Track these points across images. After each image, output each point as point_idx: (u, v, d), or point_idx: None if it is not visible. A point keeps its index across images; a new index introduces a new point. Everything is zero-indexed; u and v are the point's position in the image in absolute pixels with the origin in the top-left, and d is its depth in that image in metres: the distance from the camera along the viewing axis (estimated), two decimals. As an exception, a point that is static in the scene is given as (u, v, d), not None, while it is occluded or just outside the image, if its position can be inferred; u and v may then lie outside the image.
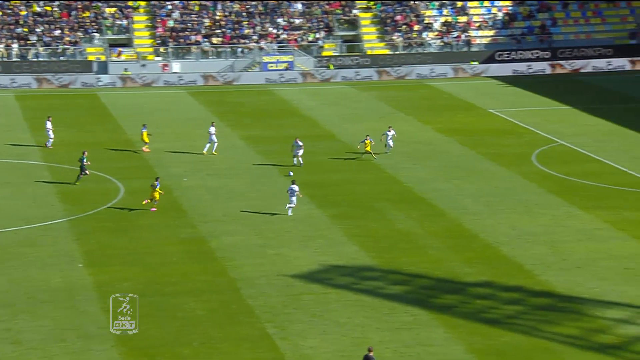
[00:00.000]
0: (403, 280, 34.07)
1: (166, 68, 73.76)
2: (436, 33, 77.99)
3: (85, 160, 45.21)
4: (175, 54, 75.26)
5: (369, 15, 79.79)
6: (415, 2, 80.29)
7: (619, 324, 30.00)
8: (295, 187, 40.75)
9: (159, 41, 75.56)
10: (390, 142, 50.13)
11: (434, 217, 40.58)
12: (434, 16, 79.48)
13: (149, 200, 41.24)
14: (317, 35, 77.35)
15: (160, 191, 41.42)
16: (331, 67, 74.50)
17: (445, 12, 79.81)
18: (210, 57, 75.26)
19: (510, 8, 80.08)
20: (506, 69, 74.05)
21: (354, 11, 79.76)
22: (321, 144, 53.36)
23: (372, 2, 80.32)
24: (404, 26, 78.17)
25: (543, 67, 74.43)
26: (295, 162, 48.07)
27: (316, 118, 60.41)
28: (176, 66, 74.06)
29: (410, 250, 36.79)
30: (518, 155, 50.50)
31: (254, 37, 76.59)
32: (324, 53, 76.21)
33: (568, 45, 76.28)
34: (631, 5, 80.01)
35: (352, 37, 78.61)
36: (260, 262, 35.61)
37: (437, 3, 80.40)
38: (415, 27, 78.16)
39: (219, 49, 75.70)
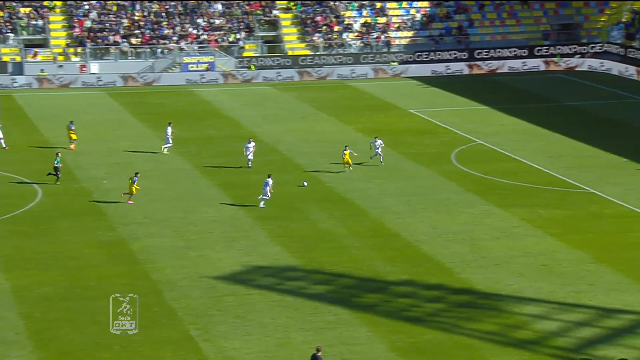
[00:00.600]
0: (326, 280, 34.25)
1: (84, 69, 72.64)
2: (356, 34, 78.56)
3: (59, 162, 44.74)
4: (94, 54, 74.19)
5: (289, 15, 79.93)
6: (335, 3, 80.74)
7: (535, 320, 30.70)
8: (270, 181, 41.28)
9: (68, 42, 74.31)
10: (379, 152, 48.14)
11: (356, 216, 40.90)
12: (354, 17, 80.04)
13: (127, 194, 41.55)
14: (238, 36, 77.15)
15: (138, 187, 41.64)
16: (252, 67, 74.40)
17: (364, 13, 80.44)
18: (129, 58, 74.39)
19: (428, 9, 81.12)
20: (425, 70, 74.99)
21: (274, 12, 79.79)
22: (243, 144, 53.25)
23: (292, 3, 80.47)
24: (324, 27, 78.52)
25: (461, 67, 75.59)
26: (249, 164, 47.79)
27: (238, 119, 60.27)
28: (94, 67, 73.00)
29: (333, 250, 37.00)
30: (438, 154, 51.21)
31: (174, 38, 75.97)
32: (245, 54, 76.07)
33: (485, 46, 77.63)
34: (544, 7, 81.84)
35: (273, 37, 78.65)
36: (182, 264, 35.39)
37: (356, 4, 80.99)
38: (336, 28, 78.58)
39: (138, 50, 74.89)
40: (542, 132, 56.17)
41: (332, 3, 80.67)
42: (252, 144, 48.15)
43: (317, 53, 76.50)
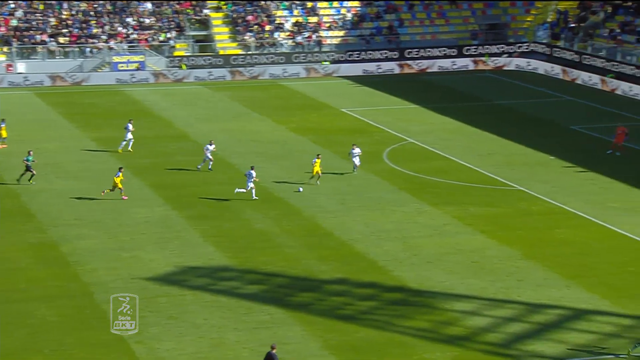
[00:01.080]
0: (260, 279, 34.26)
1: (10, 68, 71.28)
2: (287, 33, 78.64)
3: (31, 160, 44.39)
4: (20, 54, 72.84)
5: (220, 15, 79.61)
6: (266, 2, 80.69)
7: (466, 316, 31.17)
8: (253, 173, 41.75)
9: None
10: (357, 161, 45.95)
11: (290, 215, 40.97)
12: (285, 16, 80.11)
13: (109, 190, 41.89)
14: (169, 35, 76.57)
15: (122, 177, 41.98)
16: (184, 67, 73.93)
17: (295, 12, 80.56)
18: (57, 57, 73.23)
19: (358, 9, 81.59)
20: (357, 69, 75.41)
21: (205, 11, 79.41)
22: (175, 144, 52.92)
23: (222, 2, 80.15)
24: (256, 26, 78.41)
25: (392, 67, 76.20)
26: (207, 166, 46.89)
27: (170, 118, 59.81)
28: (21, 66, 71.67)
29: (266, 250, 37.02)
30: (370, 153, 51.56)
31: (103, 37, 75.04)
32: (176, 53, 75.53)
33: (415, 46, 78.37)
34: (472, 7, 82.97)
35: (204, 37, 78.24)
36: (114, 266, 35.03)
37: (287, 3, 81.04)
38: (267, 27, 78.55)
39: (67, 49, 73.77)
40: (472, 131, 56.96)
41: (262, 2, 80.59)
42: (213, 146, 47.31)
43: (249, 52, 76.36)
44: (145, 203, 42.29)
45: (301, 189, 44.10)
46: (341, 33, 79.61)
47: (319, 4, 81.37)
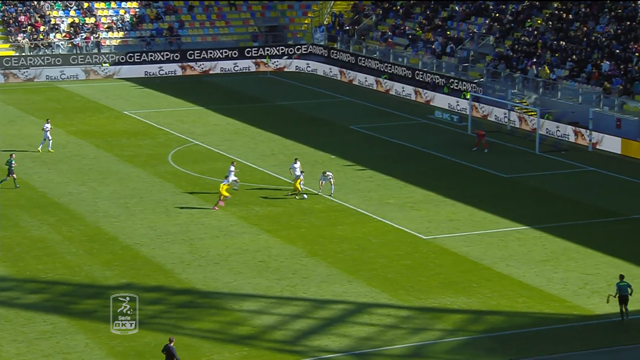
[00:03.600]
0: (40, 288, 33.07)
1: None
2: (64, 34, 76.25)
3: (13, 163, 42.90)
4: None
5: (-10, 14, 76.03)
6: (40, 2, 77.83)
7: (254, 315, 31.52)
8: (297, 165, 43.11)
9: None
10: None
11: (71, 221, 39.81)
12: (61, 17, 77.63)
13: (222, 198, 41.69)
14: None
15: (227, 185, 41.73)
16: (-49, 68, 70.04)
17: (71, 13, 78.25)
18: None
19: (137, 10, 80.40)
20: (138, 71, 74.32)
21: (-26, 10, 75.60)
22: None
23: (-8, 1, 76.62)
24: (29, 27, 75.46)
25: (174, 68, 75.67)
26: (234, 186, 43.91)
27: (-64, 123, 56.47)
28: None
29: (46, 257, 35.78)
30: (154, 155, 51.01)
31: None
32: (-58, 54, 71.42)
33: (196, 47, 78.26)
34: (251, 9, 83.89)
35: (-27, 37, 74.48)
36: None
37: (62, 4, 78.55)
38: (42, 28, 75.80)
39: None
40: (255, 132, 57.61)
41: (35, 2, 77.67)
42: (233, 168, 44.10)
43: (23, 54, 73.39)
44: None
45: (305, 196, 43.09)
46: (120, 34, 78.14)
47: (96, 5, 79.42)
